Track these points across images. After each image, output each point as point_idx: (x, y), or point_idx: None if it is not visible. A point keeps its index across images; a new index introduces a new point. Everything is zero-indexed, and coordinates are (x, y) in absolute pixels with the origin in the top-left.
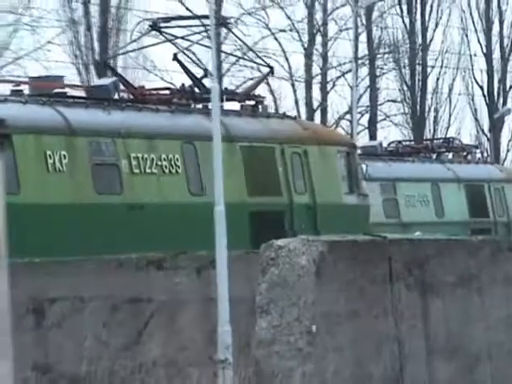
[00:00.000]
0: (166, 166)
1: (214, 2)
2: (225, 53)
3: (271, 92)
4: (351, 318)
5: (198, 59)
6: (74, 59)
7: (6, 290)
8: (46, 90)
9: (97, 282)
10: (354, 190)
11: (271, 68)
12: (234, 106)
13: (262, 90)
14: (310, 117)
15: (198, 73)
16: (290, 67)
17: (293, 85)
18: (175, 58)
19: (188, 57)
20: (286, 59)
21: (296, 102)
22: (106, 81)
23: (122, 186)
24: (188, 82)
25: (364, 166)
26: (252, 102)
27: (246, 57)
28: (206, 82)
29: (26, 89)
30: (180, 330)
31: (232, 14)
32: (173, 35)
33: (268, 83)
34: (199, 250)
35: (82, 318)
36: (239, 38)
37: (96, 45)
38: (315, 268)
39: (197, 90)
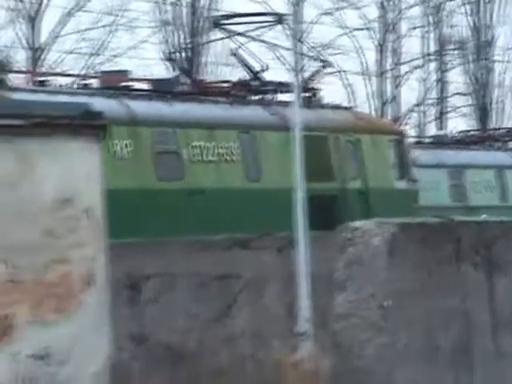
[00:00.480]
0: (224, 154)
1: (295, 2)
2: (285, 48)
3: (345, 86)
4: (421, 294)
5: (282, 55)
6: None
7: (106, 268)
8: (113, 84)
9: (187, 260)
10: (404, 176)
11: (326, 62)
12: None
13: (336, 84)
14: (382, 109)
15: (257, 67)
16: (363, 63)
17: (366, 79)
18: (233, 53)
19: (246, 52)
20: (360, 55)
21: (369, 95)
22: (169, 74)
23: (182, 173)
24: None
25: (413, 153)
26: (308, 94)
27: (309, 53)
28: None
29: (94, 83)
30: (264, 304)
31: (311, 14)
32: (233, 31)
33: (342, 78)
34: (255, 230)
35: (175, 293)
36: (297, 36)
37: (185, 43)
38: (388, 248)
39: (255, 83)
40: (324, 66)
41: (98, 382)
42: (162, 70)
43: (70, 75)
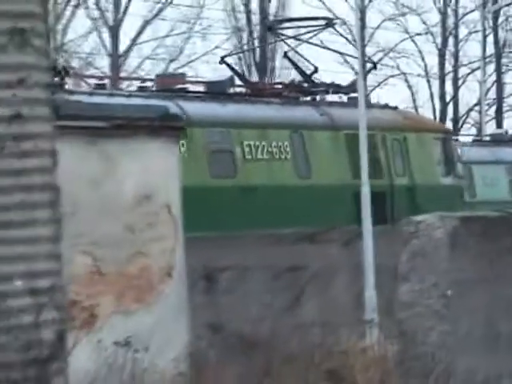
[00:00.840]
0: (276, 153)
1: (359, 9)
2: (334, 50)
3: (409, 87)
4: (482, 284)
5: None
6: (237, 61)
7: (183, 261)
8: (169, 86)
9: (259, 253)
10: (450, 172)
11: (374, 64)
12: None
13: (401, 85)
14: (443, 109)
15: (309, 69)
16: (425, 66)
17: (428, 81)
18: (286, 55)
19: (299, 55)
20: (422, 59)
21: (431, 96)
22: (223, 77)
23: (235, 171)
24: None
25: (459, 150)
26: (356, 95)
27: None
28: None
29: (150, 85)
30: (332, 294)
31: (375, 20)
32: (286, 35)
33: (406, 80)
34: (305, 225)
35: (248, 284)
36: (347, 39)
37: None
38: (449, 240)
39: (306, 84)
40: (374, 67)
41: (177, 368)
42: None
43: (128, 79)
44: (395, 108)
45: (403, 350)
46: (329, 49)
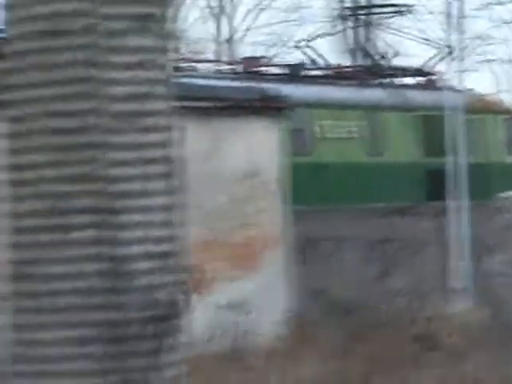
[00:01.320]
0: (349, 132)
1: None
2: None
3: (494, 73)
4: None
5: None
6: (333, 47)
7: (286, 231)
8: (252, 69)
9: (355, 225)
10: None
11: (450, 48)
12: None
13: (485, 71)
14: None
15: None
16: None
17: None
18: (358, 41)
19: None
20: (508, 46)
21: None
22: (297, 60)
23: (312, 148)
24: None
25: None
26: (426, 78)
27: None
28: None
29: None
30: (422, 264)
31: (472, 7)
32: (361, 21)
33: (492, 66)
34: (376, 201)
35: (344, 254)
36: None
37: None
38: None
39: (379, 67)
40: (451, 53)
41: (279, 329)
42: (336, 60)
43: (212, 61)
44: (465, 91)
45: (490, 318)
46: (410, 37)
